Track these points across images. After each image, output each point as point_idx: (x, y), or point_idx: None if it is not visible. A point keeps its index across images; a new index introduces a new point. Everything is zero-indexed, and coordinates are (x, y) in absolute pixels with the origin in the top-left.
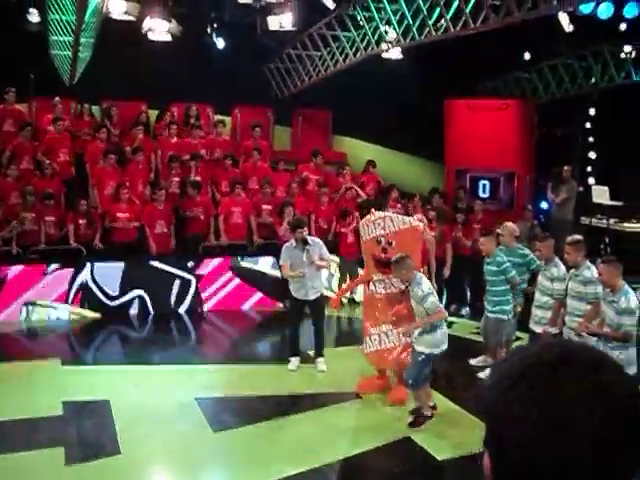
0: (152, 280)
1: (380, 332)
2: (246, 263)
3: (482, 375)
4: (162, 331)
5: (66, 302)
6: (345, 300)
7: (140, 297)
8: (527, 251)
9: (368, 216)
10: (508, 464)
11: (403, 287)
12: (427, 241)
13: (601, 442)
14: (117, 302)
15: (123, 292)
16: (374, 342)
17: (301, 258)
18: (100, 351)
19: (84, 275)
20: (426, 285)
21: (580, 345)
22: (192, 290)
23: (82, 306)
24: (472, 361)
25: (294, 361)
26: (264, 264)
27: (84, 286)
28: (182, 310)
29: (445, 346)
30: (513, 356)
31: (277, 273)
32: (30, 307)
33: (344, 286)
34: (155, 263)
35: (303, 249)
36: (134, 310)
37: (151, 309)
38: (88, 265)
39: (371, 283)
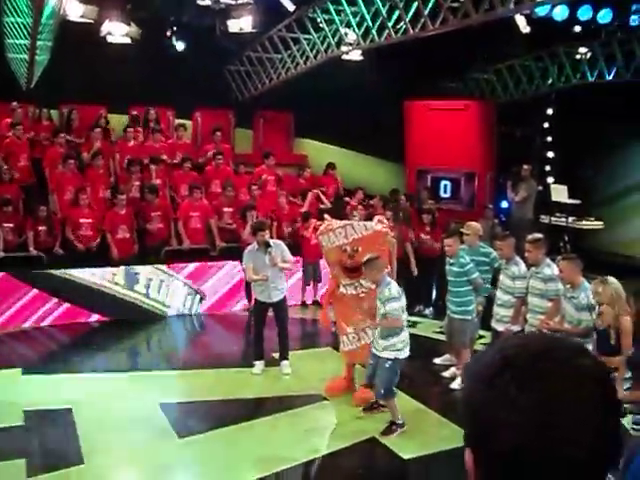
0: None
1: (358, 329)
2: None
3: (446, 374)
4: (123, 338)
5: None
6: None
7: None
8: (489, 249)
9: (326, 225)
10: (494, 453)
11: (373, 286)
12: (388, 242)
13: (585, 423)
14: None
15: None
16: (353, 340)
17: (264, 261)
18: (61, 359)
19: None
20: (395, 289)
21: (558, 337)
22: None
23: None
24: (437, 360)
25: (258, 365)
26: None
27: None
28: None
29: (407, 351)
30: (492, 349)
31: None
32: None
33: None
34: None
35: (265, 252)
36: None
37: None
38: None
39: (340, 286)
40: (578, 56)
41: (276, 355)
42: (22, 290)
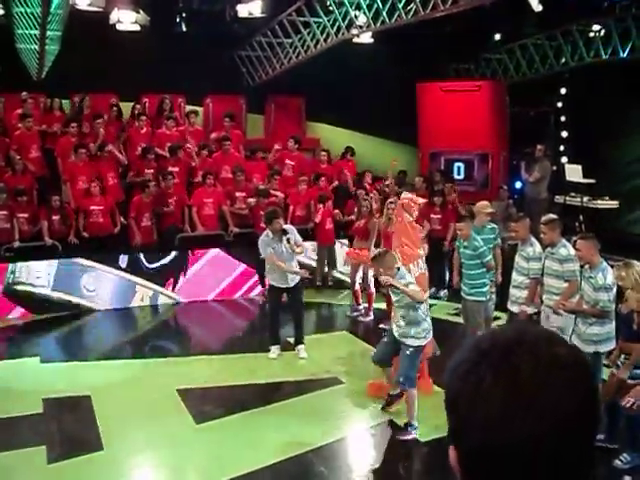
0: None
1: None
2: None
3: None
4: (140, 324)
5: None
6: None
7: None
8: (494, 225)
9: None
10: (473, 448)
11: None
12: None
13: (562, 413)
14: None
15: None
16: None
17: (281, 248)
18: (79, 347)
19: None
20: (409, 278)
21: (528, 325)
22: None
23: None
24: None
25: (274, 349)
26: None
27: None
28: None
29: (429, 339)
30: (467, 345)
31: None
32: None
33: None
34: None
35: (281, 239)
36: None
37: None
38: None
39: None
40: (592, 34)
41: (291, 339)
42: None
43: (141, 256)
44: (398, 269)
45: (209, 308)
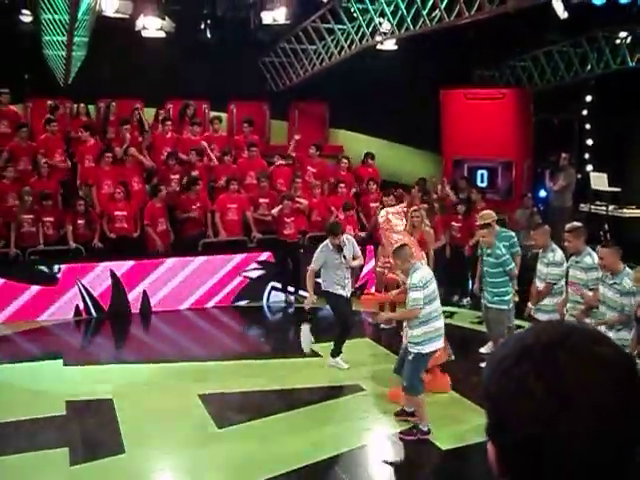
0: None
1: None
2: None
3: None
4: (164, 328)
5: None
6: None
7: None
8: (510, 233)
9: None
10: (513, 445)
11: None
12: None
13: (605, 411)
14: None
15: None
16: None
17: (337, 261)
18: (102, 349)
19: None
20: (417, 277)
21: (574, 324)
22: None
23: None
24: (482, 349)
25: (338, 361)
26: None
27: None
28: None
29: (433, 346)
30: (510, 341)
31: None
32: None
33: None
34: None
35: (338, 253)
36: None
37: None
38: None
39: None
40: (618, 41)
41: (314, 346)
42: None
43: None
44: (413, 264)
45: (231, 313)
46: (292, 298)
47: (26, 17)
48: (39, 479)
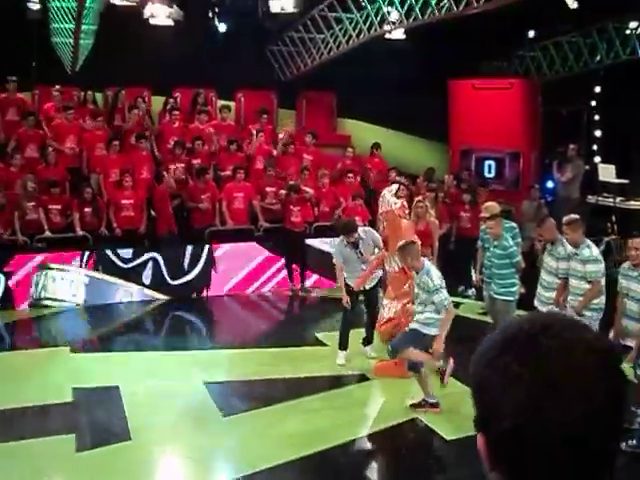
0: None
1: (387, 304)
2: None
3: None
4: (170, 316)
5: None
6: None
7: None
8: (513, 224)
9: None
10: (501, 434)
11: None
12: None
13: (591, 397)
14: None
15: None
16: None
17: (354, 256)
18: (108, 337)
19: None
20: (436, 275)
21: (557, 313)
22: None
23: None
24: None
25: (342, 355)
26: None
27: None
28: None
29: (433, 331)
30: (494, 333)
31: None
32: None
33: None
34: None
35: (355, 249)
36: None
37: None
38: None
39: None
40: (628, 31)
41: (319, 335)
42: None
43: None
44: (423, 264)
45: (237, 301)
46: (298, 286)
47: (34, 4)
48: (46, 465)
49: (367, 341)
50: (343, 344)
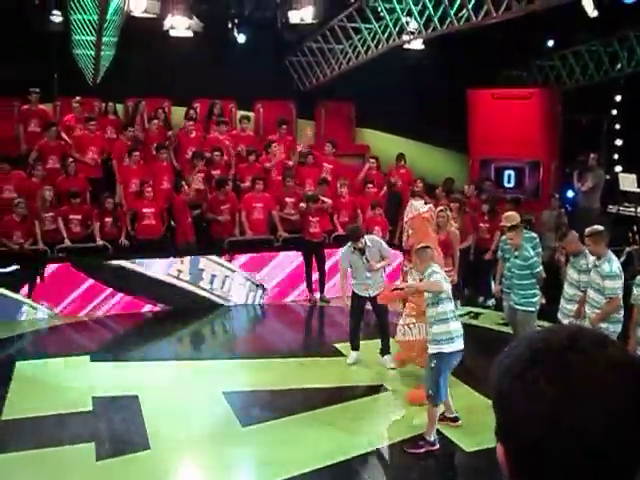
0: None
1: (405, 324)
2: None
3: None
4: (187, 327)
5: None
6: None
7: None
8: (533, 234)
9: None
10: (524, 446)
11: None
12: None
13: (614, 413)
14: None
15: None
16: (399, 332)
17: (361, 263)
18: (128, 347)
19: None
20: (440, 276)
21: (582, 327)
22: None
23: None
24: None
25: (354, 355)
26: None
27: None
28: None
29: (454, 347)
30: (519, 344)
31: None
32: None
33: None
34: None
35: (361, 256)
36: None
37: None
38: None
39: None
40: None
41: (338, 346)
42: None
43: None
44: (430, 266)
45: (257, 311)
46: (316, 297)
47: (56, 17)
48: (65, 474)
49: (384, 351)
50: (353, 344)
